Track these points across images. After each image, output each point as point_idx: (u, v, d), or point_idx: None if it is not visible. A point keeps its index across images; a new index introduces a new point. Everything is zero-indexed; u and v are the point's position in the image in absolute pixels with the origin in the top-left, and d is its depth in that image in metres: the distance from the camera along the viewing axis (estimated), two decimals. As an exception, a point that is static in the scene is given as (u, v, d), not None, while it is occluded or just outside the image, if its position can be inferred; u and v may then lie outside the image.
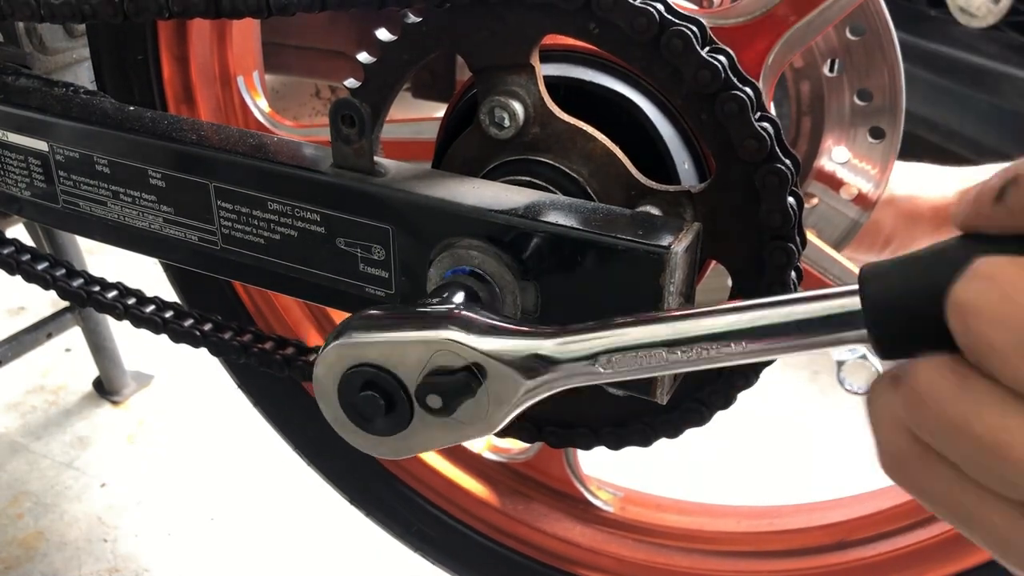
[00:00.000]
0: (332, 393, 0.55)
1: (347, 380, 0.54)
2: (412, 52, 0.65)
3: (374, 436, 0.55)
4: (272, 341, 0.85)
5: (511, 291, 0.59)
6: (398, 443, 0.55)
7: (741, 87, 0.58)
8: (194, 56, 0.92)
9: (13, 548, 1.42)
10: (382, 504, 1.06)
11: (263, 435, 1.13)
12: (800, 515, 0.95)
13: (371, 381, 0.53)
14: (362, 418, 0.54)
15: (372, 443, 0.55)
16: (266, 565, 1.40)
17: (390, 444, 0.55)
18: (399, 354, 0.52)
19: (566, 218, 0.58)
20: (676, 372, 0.51)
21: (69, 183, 0.77)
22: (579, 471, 1.00)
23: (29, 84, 0.84)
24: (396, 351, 0.52)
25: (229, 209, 0.70)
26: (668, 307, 0.56)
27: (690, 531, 0.97)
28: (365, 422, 0.54)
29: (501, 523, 1.01)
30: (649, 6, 0.57)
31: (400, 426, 0.54)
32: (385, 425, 0.54)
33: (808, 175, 0.95)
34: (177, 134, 0.72)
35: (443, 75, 1.25)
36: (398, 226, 0.64)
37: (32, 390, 1.79)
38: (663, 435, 0.71)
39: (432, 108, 1.21)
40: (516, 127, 0.64)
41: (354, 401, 0.54)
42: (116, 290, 0.87)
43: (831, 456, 1.63)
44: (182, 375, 1.81)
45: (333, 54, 1.33)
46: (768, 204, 0.59)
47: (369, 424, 0.54)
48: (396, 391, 0.53)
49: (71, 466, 1.60)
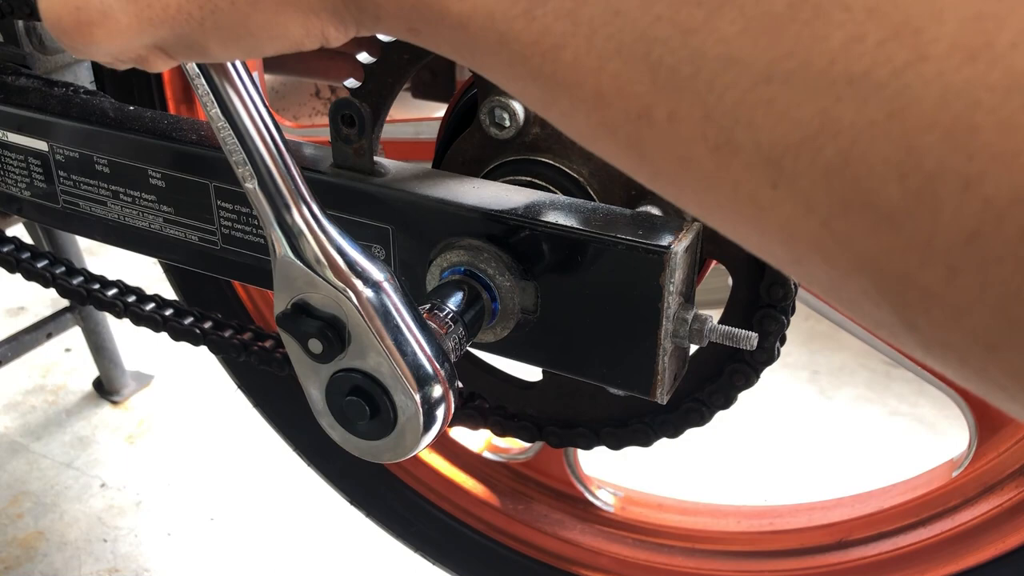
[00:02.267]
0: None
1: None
2: (412, 52, 0.65)
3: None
4: (272, 339, 0.85)
5: (511, 291, 0.59)
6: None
7: (741, 87, 0.58)
8: (194, 56, 0.92)
9: (13, 548, 1.42)
10: (382, 504, 1.06)
11: (263, 435, 1.13)
12: (800, 515, 0.95)
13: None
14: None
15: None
16: (266, 565, 1.40)
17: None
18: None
19: (566, 218, 0.58)
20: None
21: (69, 183, 0.77)
22: (579, 471, 1.00)
23: (29, 84, 0.84)
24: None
25: (229, 209, 0.70)
26: (668, 307, 0.56)
27: (691, 531, 0.97)
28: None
29: (501, 523, 1.01)
30: (649, 6, 0.57)
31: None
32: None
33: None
34: (177, 134, 0.72)
35: (443, 75, 1.25)
36: (398, 226, 0.64)
37: (32, 390, 1.79)
38: (663, 435, 0.71)
39: (432, 108, 1.21)
40: (516, 127, 0.65)
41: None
42: (116, 288, 0.87)
43: (831, 456, 1.63)
44: (182, 375, 1.81)
45: (333, 54, 1.33)
46: (768, 204, 0.59)
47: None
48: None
49: (71, 466, 1.59)
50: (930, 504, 0.85)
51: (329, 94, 1.57)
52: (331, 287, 0.50)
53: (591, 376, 0.62)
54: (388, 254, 0.65)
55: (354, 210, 0.65)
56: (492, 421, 0.77)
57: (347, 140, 0.64)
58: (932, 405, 1.74)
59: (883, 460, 1.61)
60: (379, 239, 0.65)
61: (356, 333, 0.50)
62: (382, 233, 0.64)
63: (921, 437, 1.68)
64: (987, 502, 0.81)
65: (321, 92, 1.59)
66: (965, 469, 0.82)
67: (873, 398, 1.79)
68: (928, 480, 0.86)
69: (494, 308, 0.59)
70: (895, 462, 1.60)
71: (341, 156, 0.65)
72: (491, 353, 0.65)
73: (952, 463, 0.85)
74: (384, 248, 0.65)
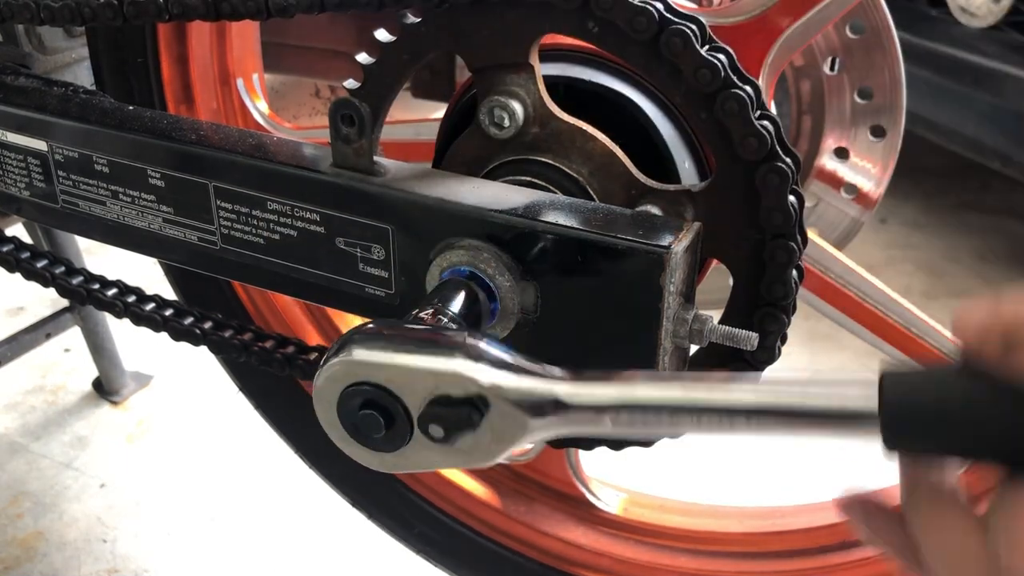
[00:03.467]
0: (331, 406, 0.53)
1: (348, 396, 0.52)
2: (411, 52, 0.65)
3: (371, 450, 0.53)
4: (272, 339, 0.85)
5: (511, 291, 0.59)
6: (395, 459, 0.53)
7: (741, 86, 0.58)
8: (194, 57, 0.92)
9: (13, 548, 1.41)
10: (384, 506, 1.06)
11: (263, 435, 1.13)
12: (802, 515, 0.95)
13: (372, 400, 0.51)
14: (360, 433, 0.53)
15: (368, 457, 0.54)
16: (266, 565, 1.40)
17: (387, 460, 0.54)
18: (405, 379, 0.50)
19: (566, 218, 0.58)
20: (676, 433, 0.50)
21: (68, 183, 0.77)
22: (581, 472, 1.00)
23: (28, 84, 0.83)
24: (402, 376, 0.50)
25: (229, 209, 0.70)
26: (668, 307, 0.56)
27: (692, 532, 0.97)
28: (363, 437, 0.53)
29: (503, 524, 1.01)
30: (648, 5, 0.57)
31: (397, 445, 0.52)
32: (383, 442, 0.53)
33: (809, 174, 0.95)
34: (176, 134, 0.72)
35: (444, 75, 1.25)
36: (398, 226, 0.63)
37: (31, 390, 1.79)
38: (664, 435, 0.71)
39: (432, 108, 1.21)
40: (516, 127, 0.64)
41: (353, 419, 0.52)
42: (116, 288, 0.86)
43: (832, 456, 1.63)
44: (182, 375, 1.81)
45: (333, 54, 1.33)
46: (769, 203, 0.58)
47: (366, 439, 0.53)
48: (398, 412, 0.51)
49: (70, 466, 1.59)
50: (931, 504, 0.84)
51: (329, 94, 1.57)
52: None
53: (591, 376, 0.61)
54: (388, 254, 0.65)
55: (354, 210, 0.64)
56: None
57: (347, 140, 0.64)
58: (933, 405, 1.74)
59: (883, 460, 1.61)
60: (379, 239, 0.64)
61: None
62: (382, 233, 0.64)
63: (922, 437, 1.68)
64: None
65: (321, 92, 1.59)
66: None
67: (874, 398, 1.79)
68: (929, 480, 0.86)
69: (493, 308, 0.59)
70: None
71: (341, 156, 0.65)
72: (491, 353, 0.65)
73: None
74: (384, 248, 0.65)
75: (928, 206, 2.64)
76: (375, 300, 0.67)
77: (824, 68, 0.92)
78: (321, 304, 0.88)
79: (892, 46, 0.88)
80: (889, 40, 0.88)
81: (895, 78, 0.89)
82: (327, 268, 0.68)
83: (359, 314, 0.70)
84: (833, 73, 0.92)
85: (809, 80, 0.94)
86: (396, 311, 0.66)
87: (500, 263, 0.59)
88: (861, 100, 0.91)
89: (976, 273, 2.29)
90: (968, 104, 2.06)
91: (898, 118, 0.90)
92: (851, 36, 0.89)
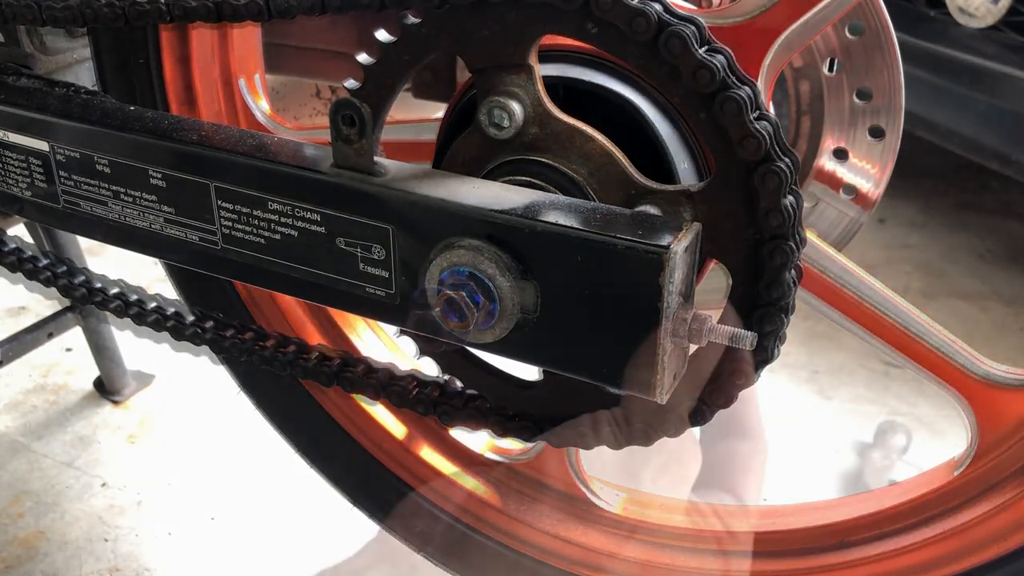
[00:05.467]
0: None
1: None
2: (412, 53, 0.65)
3: None
4: (272, 340, 0.86)
5: (511, 291, 0.59)
6: None
7: (740, 86, 0.58)
8: (196, 58, 0.92)
9: (14, 547, 1.42)
10: (384, 505, 1.06)
11: (264, 435, 1.13)
12: (800, 515, 0.95)
13: None
14: None
15: None
16: (266, 565, 1.40)
17: None
18: None
19: (566, 218, 0.59)
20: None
21: (70, 183, 0.77)
22: (581, 471, 1.00)
23: (30, 84, 0.84)
24: None
25: (230, 209, 0.70)
26: (667, 306, 0.56)
27: (692, 531, 0.97)
28: None
29: (503, 524, 1.01)
30: (647, 6, 0.57)
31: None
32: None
33: (808, 174, 0.95)
34: (178, 134, 0.72)
35: (444, 75, 1.25)
36: (398, 226, 0.64)
37: (33, 390, 1.79)
38: (664, 434, 0.71)
39: (433, 108, 1.21)
40: (515, 127, 0.65)
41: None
42: (118, 287, 0.87)
43: (831, 455, 1.63)
44: (183, 375, 1.81)
45: (333, 54, 1.33)
46: (767, 203, 0.59)
47: None
48: None
49: (72, 466, 1.60)
50: (930, 504, 0.85)
51: (329, 94, 1.57)
52: None
53: (590, 376, 0.62)
54: (388, 254, 0.65)
55: (354, 210, 0.65)
56: (492, 420, 0.77)
57: (347, 140, 0.64)
58: (931, 405, 1.74)
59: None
60: (379, 239, 0.65)
61: None
62: (382, 233, 0.64)
63: (921, 437, 1.68)
64: (988, 502, 0.81)
65: (321, 92, 1.59)
66: (965, 469, 0.82)
67: (872, 398, 1.79)
68: (928, 480, 0.86)
69: (493, 308, 0.60)
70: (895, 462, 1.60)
71: (341, 156, 0.65)
72: (491, 353, 0.65)
73: (952, 463, 0.85)
74: (384, 248, 0.65)
75: (927, 206, 2.64)
76: (375, 300, 0.67)
77: (823, 69, 0.92)
78: (321, 304, 0.88)
79: (891, 47, 0.89)
80: (888, 41, 0.88)
81: (894, 79, 0.89)
82: (328, 268, 0.68)
83: (359, 314, 0.70)
84: (832, 74, 0.92)
85: (808, 81, 0.94)
86: (396, 311, 0.66)
87: (500, 263, 0.59)
88: (860, 101, 0.91)
89: (974, 273, 2.30)
90: (967, 104, 2.07)
91: (897, 119, 0.91)
92: (850, 37, 0.89)
